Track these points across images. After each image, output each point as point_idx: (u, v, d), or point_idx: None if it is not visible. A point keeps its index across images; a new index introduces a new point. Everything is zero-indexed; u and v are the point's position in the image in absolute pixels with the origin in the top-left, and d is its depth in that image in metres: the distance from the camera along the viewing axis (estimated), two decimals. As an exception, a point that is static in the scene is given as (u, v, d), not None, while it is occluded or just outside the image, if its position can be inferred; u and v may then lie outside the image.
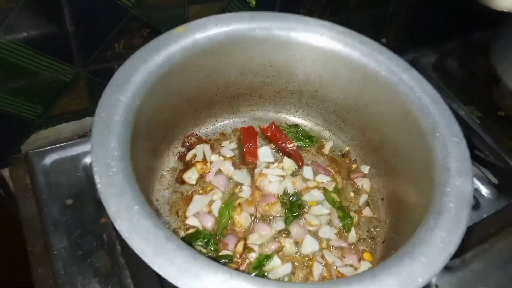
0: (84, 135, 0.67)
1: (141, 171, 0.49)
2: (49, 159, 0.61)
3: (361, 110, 0.61)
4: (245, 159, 0.61)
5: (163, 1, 0.59)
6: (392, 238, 0.54)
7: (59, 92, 0.62)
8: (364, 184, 0.62)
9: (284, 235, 0.55)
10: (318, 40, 0.57)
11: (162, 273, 0.34)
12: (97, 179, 0.39)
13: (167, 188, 0.57)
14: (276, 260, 0.52)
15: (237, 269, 0.50)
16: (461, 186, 0.45)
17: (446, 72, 0.84)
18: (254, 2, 0.66)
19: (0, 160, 0.66)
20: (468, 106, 0.79)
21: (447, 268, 0.59)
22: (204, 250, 0.52)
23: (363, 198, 0.61)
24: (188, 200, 0.56)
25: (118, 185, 0.39)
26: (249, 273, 0.50)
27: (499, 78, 0.74)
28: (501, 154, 0.73)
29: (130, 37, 0.60)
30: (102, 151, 0.41)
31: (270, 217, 0.56)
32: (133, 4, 0.57)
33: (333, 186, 0.61)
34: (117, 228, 0.36)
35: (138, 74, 0.47)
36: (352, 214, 0.59)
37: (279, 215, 0.57)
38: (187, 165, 0.59)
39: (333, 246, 0.56)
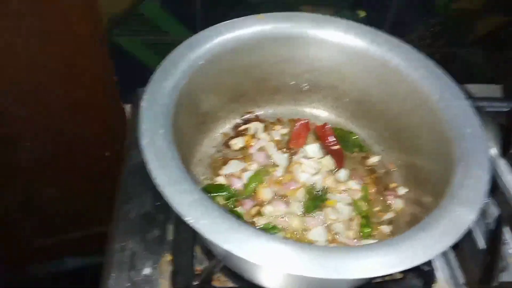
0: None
1: (192, 126, 0.59)
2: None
3: (411, 131, 0.61)
4: (289, 144, 0.67)
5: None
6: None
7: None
8: (396, 204, 0.63)
9: (296, 219, 0.60)
10: (383, 55, 0.60)
11: (158, 185, 0.43)
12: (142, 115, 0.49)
13: (214, 147, 0.66)
14: (280, 234, 0.57)
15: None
16: (461, 214, 0.44)
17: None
18: (363, 14, 0.70)
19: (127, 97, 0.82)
20: None
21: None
22: (222, 202, 0.60)
23: (389, 215, 0.62)
24: (226, 162, 0.64)
25: (154, 121, 0.48)
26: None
27: None
28: None
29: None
30: (153, 94, 0.51)
31: (290, 200, 0.61)
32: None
33: (362, 195, 0.63)
34: (142, 146, 0.46)
35: (208, 43, 0.57)
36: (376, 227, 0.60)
37: (299, 201, 0.61)
38: (237, 135, 0.67)
39: (340, 242, 0.58)
